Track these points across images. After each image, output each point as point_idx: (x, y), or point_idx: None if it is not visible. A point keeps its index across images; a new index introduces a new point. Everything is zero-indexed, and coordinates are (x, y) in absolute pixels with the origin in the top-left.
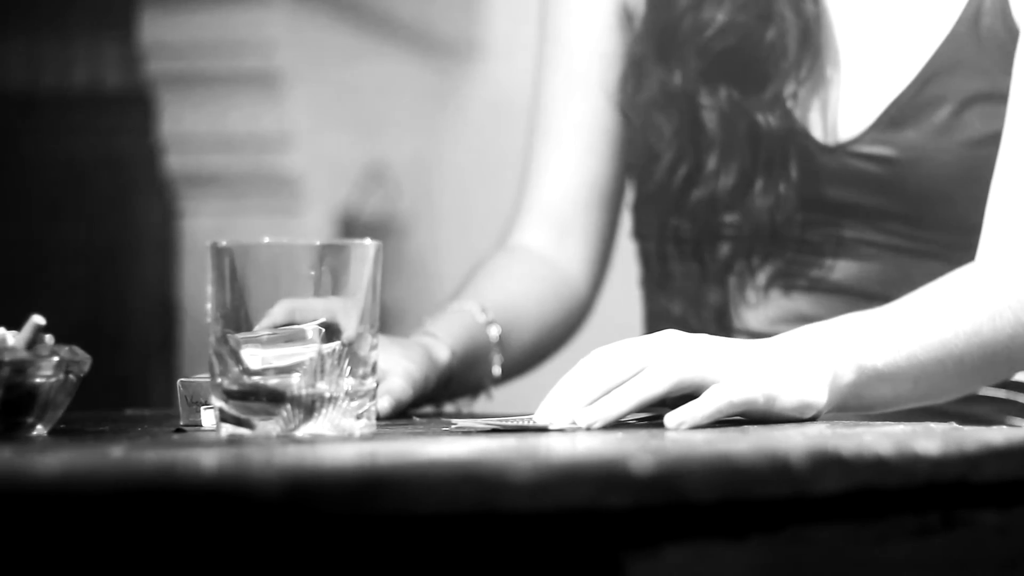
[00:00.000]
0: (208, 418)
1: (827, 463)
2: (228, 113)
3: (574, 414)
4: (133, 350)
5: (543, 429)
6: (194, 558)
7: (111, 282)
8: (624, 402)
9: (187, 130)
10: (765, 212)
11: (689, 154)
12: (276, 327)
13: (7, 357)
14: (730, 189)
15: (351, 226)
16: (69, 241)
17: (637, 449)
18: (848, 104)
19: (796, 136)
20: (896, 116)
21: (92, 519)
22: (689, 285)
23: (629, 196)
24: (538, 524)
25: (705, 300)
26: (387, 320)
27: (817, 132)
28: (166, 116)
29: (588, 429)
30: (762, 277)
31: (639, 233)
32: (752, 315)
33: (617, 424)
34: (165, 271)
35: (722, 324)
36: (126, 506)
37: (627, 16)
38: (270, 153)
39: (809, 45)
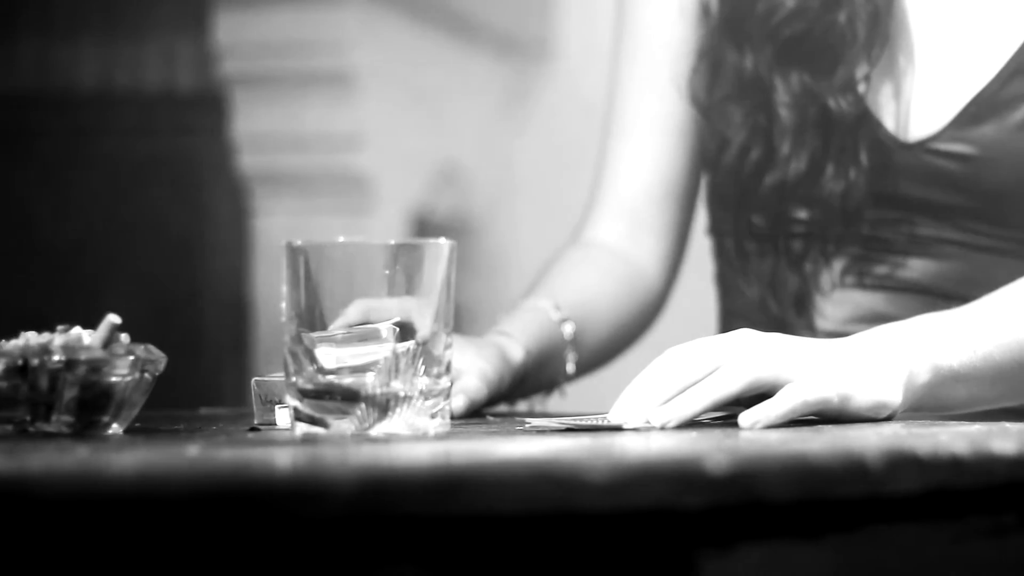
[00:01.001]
0: (283, 417)
1: (903, 463)
2: (301, 112)
3: (648, 413)
4: (206, 349)
5: (617, 428)
6: (268, 558)
7: (185, 281)
8: (698, 401)
9: (260, 130)
10: (836, 198)
11: (760, 139)
12: (351, 326)
13: (83, 356)
14: (802, 175)
15: (424, 225)
16: (143, 240)
17: (712, 448)
18: (923, 99)
19: (868, 122)
20: (976, 113)
21: (167, 519)
22: (766, 272)
23: (703, 192)
24: (613, 523)
25: (784, 287)
26: (461, 319)
27: (889, 122)
28: (239, 116)
29: (662, 428)
30: (837, 266)
31: (714, 228)
32: (829, 308)
33: (691, 423)
34: (238, 270)
35: (801, 310)
36: (202, 506)
37: (703, 8)
38: (343, 152)
39: (879, 30)
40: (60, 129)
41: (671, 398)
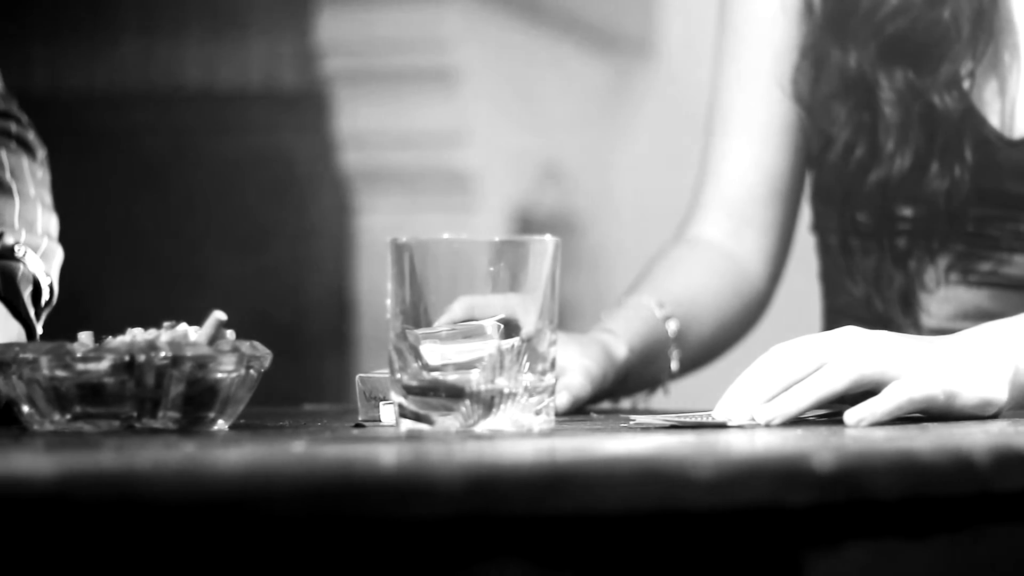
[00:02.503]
0: (387, 414)
1: (1011, 461)
2: (404, 110)
3: (753, 410)
4: (308, 345)
5: (722, 425)
6: (373, 554)
7: (287, 278)
8: (804, 398)
9: (363, 127)
10: (941, 195)
11: (864, 137)
12: (455, 323)
13: (189, 352)
14: (906, 172)
15: (527, 222)
16: (246, 237)
17: (818, 446)
18: None
19: (972, 119)
20: None
21: (274, 515)
22: (871, 270)
23: (807, 189)
24: (718, 521)
25: (889, 284)
26: (564, 316)
27: (994, 119)
28: (342, 113)
29: (767, 425)
30: (941, 263)
31: (818, 226)
32: (934, 305)
33: (796, 420)
34: (340, 267)
35: (907, 307)
36: (308, 502)
37: (807, 6)
38: (446, 149)
39: (983, 26)
40: (164, 128)
41: (776, 395)
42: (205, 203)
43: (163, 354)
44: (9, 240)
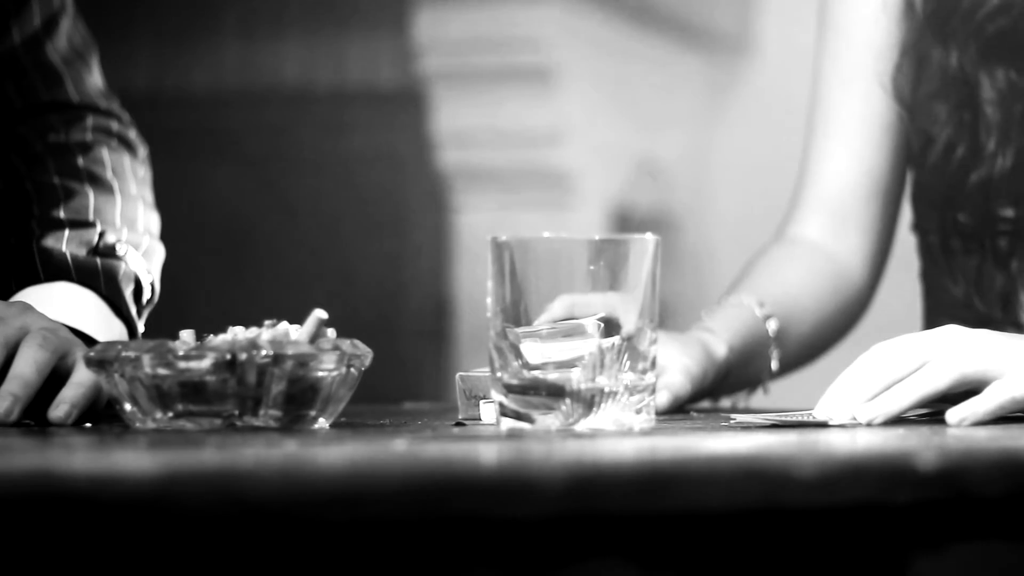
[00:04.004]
0: (487, 412)
1: None
2: (502, 108)
3: (854, 409)
4: (406, 343)
5: (823, 424)
6: (475, 552)
7: (386, 276)
8: (905, 397)
9: (461, 126)
10: None
11: (965, 136)
12: (555, 322)
13: (290, 351)
14: (1007, 172)
15: (625, 220)
16: (344, 236)
17: (920, 445)
18: None
19: None
20: None
21: (376, 513)
22: (971, 270)
23: (908, 189)
24: (821, 520)
25: (990, 285)
26: (663, 315)
27: None
28: (441, 112)
29: (869, 424)
30: None
31: (919, 226)
32: None
33: (898, 420)
34: (438, 266)
35: (1007, 307)
36: (410, 500)
37: (907, 5)
38: (543, 148)
39: None
40: (263, 127)
41: (877, 394)
42: (304, 202)
43: (264, 352)
44: (111, 238)
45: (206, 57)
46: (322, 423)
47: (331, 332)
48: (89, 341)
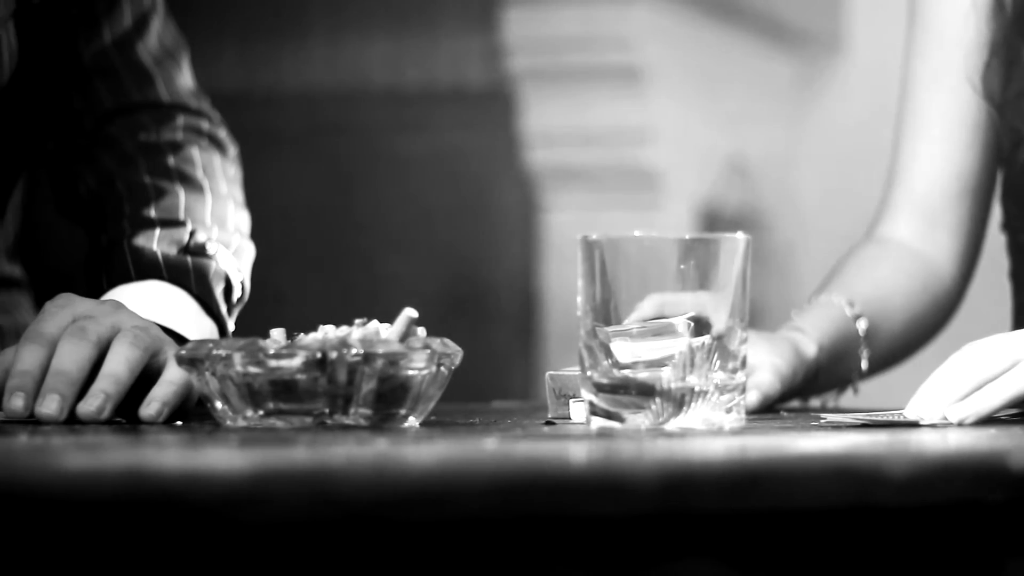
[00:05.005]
0: (577, 411)
1: None
2: (590, 107)
3: (945, 409)
4: (495, 342)
5: (914, 424)
6: (566, 551)
7: (474, 275)
8: (997, 397)
9: (549, 125)
10: None
11: None
12: (646, 321)
13: (381, 349)
14: None
15: (713, 219)
16: (432, 235)
17: (1014, 444)
18: None
19: None
20: None
21: (467, 511)
22: None
23: (998, 188)
24: (913, 519)
25: None
26: (752, 314)
27: None
28: (529, 111)
29: (960, 424)
30: None
31: (1008, 225)
32: None
33: (989, 419)
34: (527, 265)
35: None
36: (501, 499)
37: (997, 3)
38: (632, 147)
39: None
40: (351, 127)
41: (968, 394)
42: (392, 202)
43: (355, 351)
44: (201, 237)
45: (294, 57)
46: (412, 422)
47: (421, 331)
48: (180, 339)
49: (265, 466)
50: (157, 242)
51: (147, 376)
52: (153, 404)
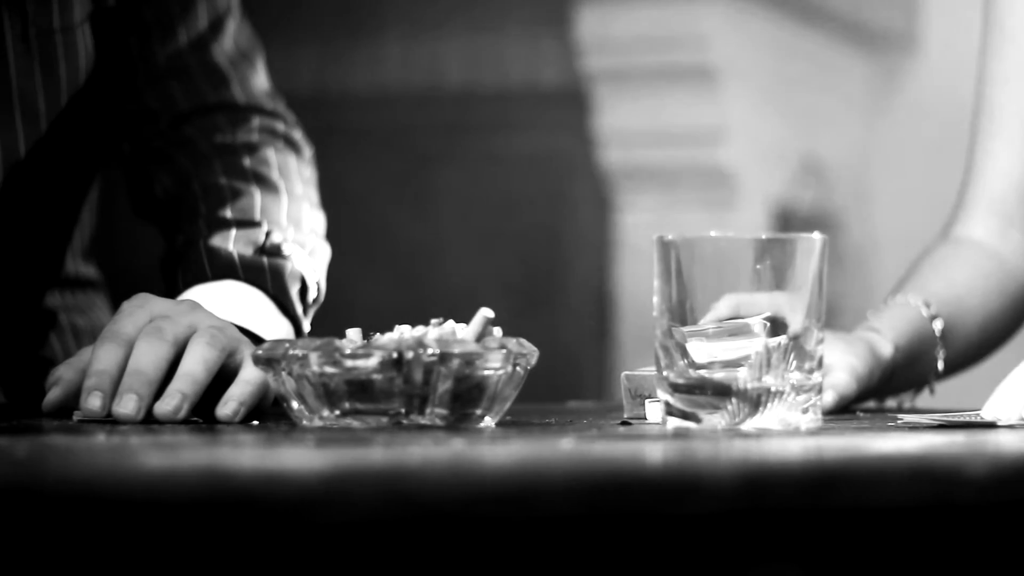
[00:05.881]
0: (653, 411)
1: None
2: (665, 107)
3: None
4: (568, 342)
5: (991, 425)
6: (643, 551)
7: (547, 275)
8: None
9: (624, 125)
10: None
11: None
12: (721, 321)
13: (457, 349)
14: None
15: (787, 219)
16: (507, 235)
17: None
18: None
19: None
20: None
21: (543, 511)
22: None
23: None
24: (992, 519)
25: None
26: (827, 314)
27: None
28: (603, 111)
29: None
30: None
31: None
32: None
33: None
34: (601, 264)
35: None
36: (577, 499)
37: None
38: (707, 147)
39: None
40: (425, 127)
41: None
42: (466, 201)
43: (431, 351)
44: (277, 238)
45: (369, 57)
46: (488, 421)
47: (497, 331)
48: (256, 339)
49: (341, 466)
50: (233, 243)
51: (224, 376)
52: (230, 404)
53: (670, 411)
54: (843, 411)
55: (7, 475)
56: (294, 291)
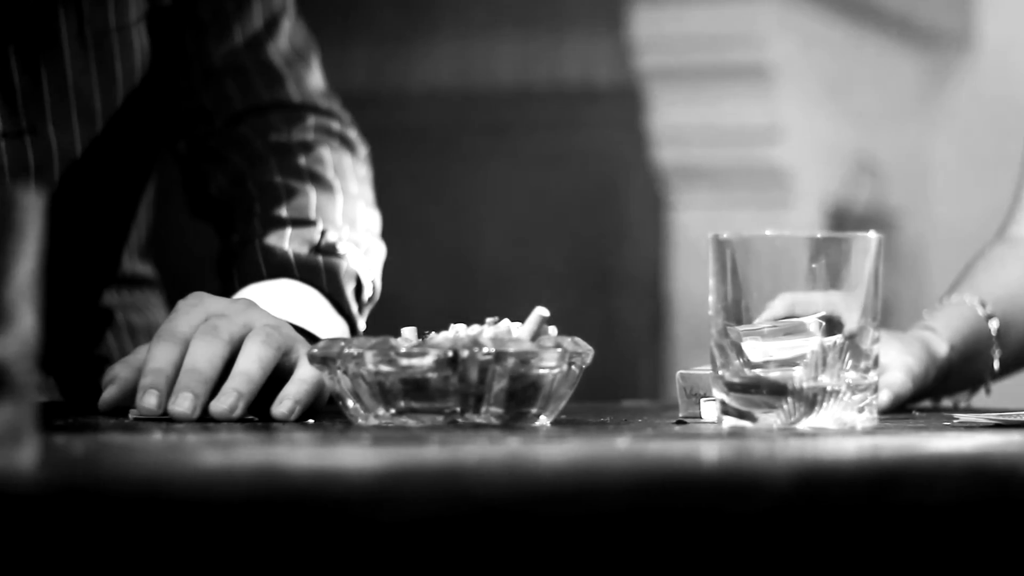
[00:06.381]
0: (708, 410)
1: None
2: (719, 106)
3: None
4: (622, 341)
5: None
6: (698, 549)
7: (601, 273)
8: None
9: (678, 123)
10: None
11: None
12: (777, 320)
13: (512, 348)
14: None
15: (841, 218)
16: (561, 233)
17: None
18: None
19: None
20: None
21: (599, 509)
22: None
23: None
24: None
25: None
26: (882, 313)
27: None
28: (657, 110)
29: None
30: None
31: None
32: None
33: None
34: (655, 263)
35: None
36: (633, 497)
37: None
38: (760, 146)
39: None
40: (480, 125)
41: None
42: (520, 201)
43: (486, 350)
44: (332, 237)
45: (423, 56)
46: (543, 420)
47: (552, 330)
48: (311, 338)
49: (397, 465)
50: (288, 241)
51: (279, 374)
52: (285, 402)
53: (725, 410)
54: (899, 410)
55: (65, 474)
56: (349, 290)
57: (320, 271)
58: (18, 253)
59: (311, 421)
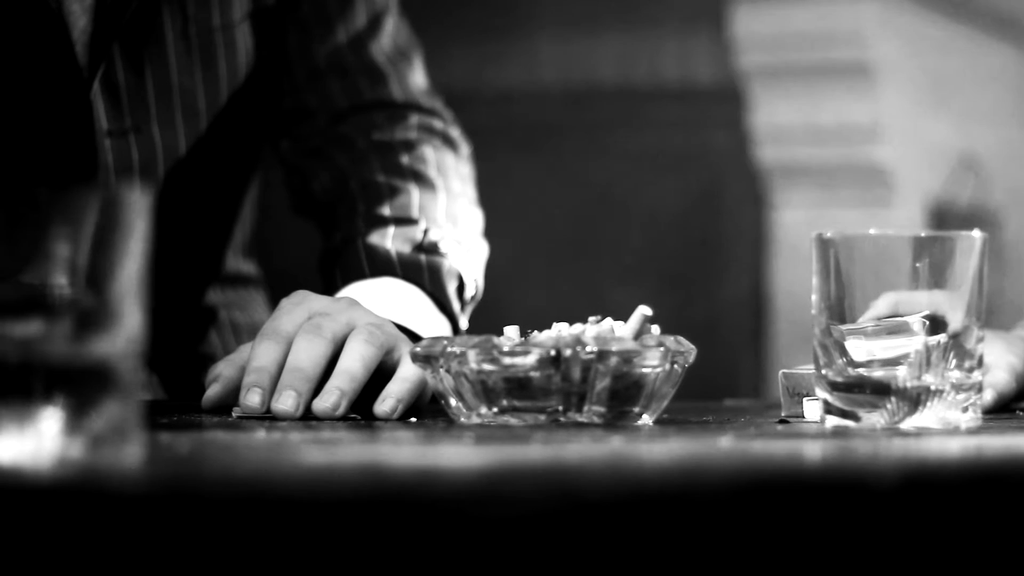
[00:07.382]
0: (811, 410)
1: None
2: (820, 105)
3: None
4: (723, 339)
5: None
6: (801, 547)
7: (702, 272)
8: None
9: (779, 122)
10: None
11: None
12: (880, 319)
13: (615, 347)
14: None
15: (943, 217)
16: (661, 232)
17: None
18: None
19: None
20: None
21: (703, 508)
22: None
23: None
24: None
25: None
26: (985, 312)
27: None
28: (758, 108)
29: None
30: None
31: None
32: None
33: None
34: (756, 262)
35: None
36: (736, 497)
37: None
38: (862, 144)
39: None
40: (580, 124)
41: None
42: (620, 199)
43: (589, 348)
44: (435, 235)
45: (524, 55)
46: (646, 419)
47: (655, 328)
48: (414, 337)
49: (500, 463)
50: (391, 240)
51: (382, 373)
52: (388, 401)
53: (829, 409)
54: (1003, 410)
55: (169, 472)
56: (451, 288)
57: (423, 269)
58: (124, 252)
59: (414, 420)
